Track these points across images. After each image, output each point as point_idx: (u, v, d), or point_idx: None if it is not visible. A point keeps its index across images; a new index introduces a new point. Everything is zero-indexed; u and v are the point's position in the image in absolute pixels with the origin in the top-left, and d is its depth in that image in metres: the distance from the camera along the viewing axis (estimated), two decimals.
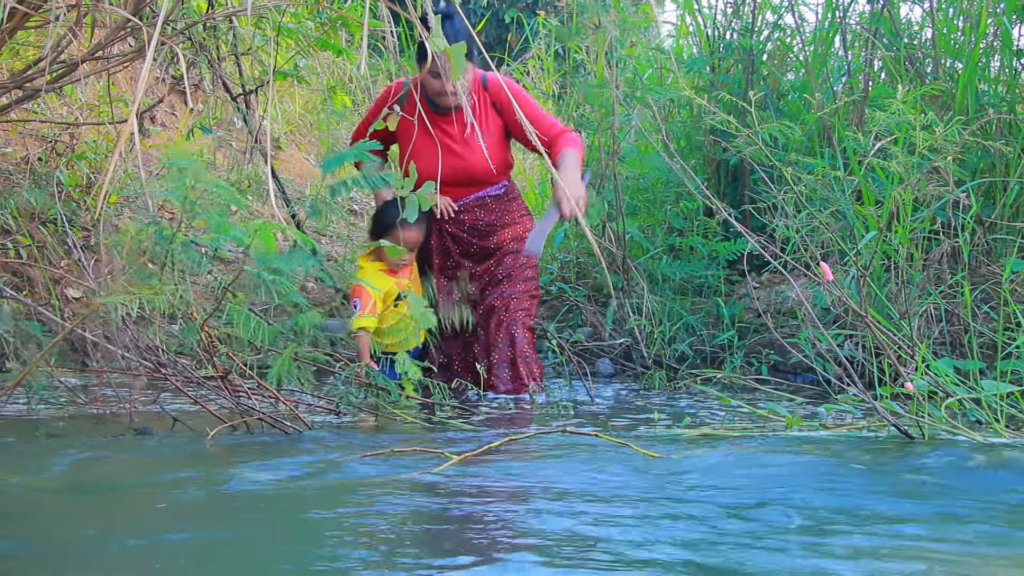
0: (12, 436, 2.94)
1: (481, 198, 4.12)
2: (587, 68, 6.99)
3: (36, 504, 2.16)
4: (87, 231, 4.69)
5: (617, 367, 4.78)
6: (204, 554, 1.78)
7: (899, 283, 3.86)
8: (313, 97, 8.17)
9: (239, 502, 2.16)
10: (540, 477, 2.45)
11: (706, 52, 5.34)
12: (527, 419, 3.58)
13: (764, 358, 4.45)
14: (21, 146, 4.83)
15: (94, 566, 1.71)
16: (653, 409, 3.70)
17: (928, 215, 3.89)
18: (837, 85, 5.13)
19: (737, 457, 2.60)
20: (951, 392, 3.10)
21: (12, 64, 4.88)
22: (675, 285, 4.88)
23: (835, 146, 4.42)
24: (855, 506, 2.14)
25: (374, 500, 2.17)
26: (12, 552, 1.78)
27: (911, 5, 5.04)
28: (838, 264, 4.07)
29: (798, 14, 5.05)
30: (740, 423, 3.27)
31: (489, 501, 2.17)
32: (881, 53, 4.76)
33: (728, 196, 5.13)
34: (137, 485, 2.35)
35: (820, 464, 2.56)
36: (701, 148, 5.21)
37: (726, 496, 2.22)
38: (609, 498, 2.19)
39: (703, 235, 4.89)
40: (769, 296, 4.75)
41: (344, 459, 2.58)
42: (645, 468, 2.50)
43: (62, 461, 2.56)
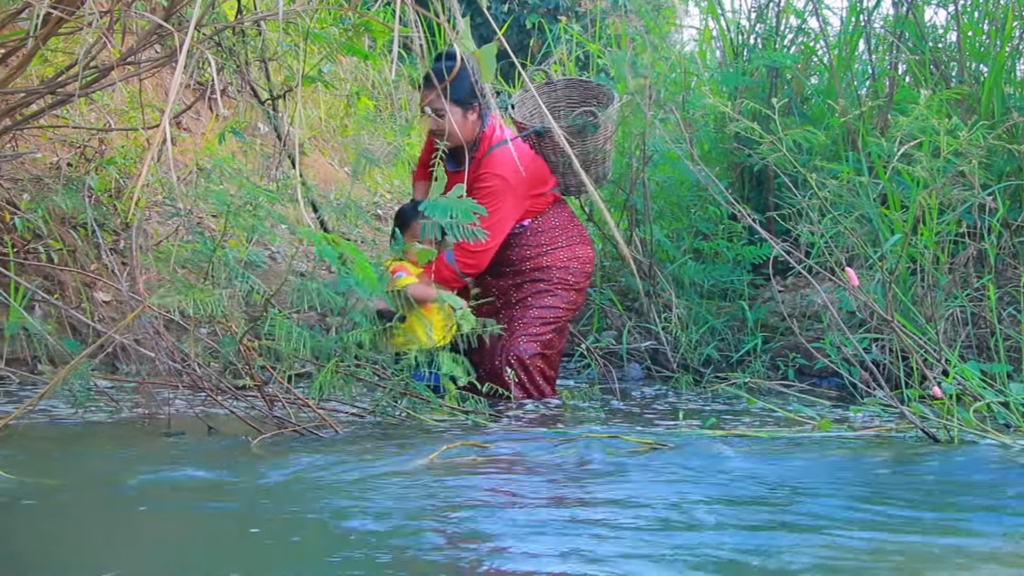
0: (49, 439, 2.98)
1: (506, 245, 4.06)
2: (609, 74, 7.00)
3: (74, 504, 2.19)
4: (117, 235, 4.73)
5: (645, 370, 4.79)
6: (246, 554, 1.81)
7: (925, 287, 3.86)
8: (336, 102, 8.21)
9: (276, 500, 2.19)
10: (567, 480, 2.47)
11: (730, 57, 5.35)
12: (556, 421, 3.59)
13: (790, 362, 4.46)
14: (51, 151, 4.88)
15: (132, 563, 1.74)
16: (679, 411, 3.71)
17: (954, 218, 3.88)
18: (861, 89, 5.13)
19: (765, 457, 2.62)
20: (978, 395, 3.10)
21: (41, 70, 4.93)
22: (701, 289, 4.89)
23: (860, 150, 4.42)
24: (881, 506, 2.15)
25: (410, 495, 2.19)
26: (49, 553, 1.81)
27: (936, 8, 5.00)
28: (863, 268, 4.07)
29: (822, 18, 5.06)
30: (768, 425, 3.27)
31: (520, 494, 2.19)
32: (906, 57, 4.76)
33: (752, 200, 5.14)
34: (176, 486, 2.38)
35: (849, 465, 2.58)
36: (727, 153, 5.21)
37: (753, 491, 2.24)
38: (632, 495, 2.21)
39: (728, 239, 4.89)
40: (794, 300, 4.76)
41: (379, 460, 2.61)
42: (670, 464, 2.51)
43: (99, 464, 2.59)
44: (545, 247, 4.13)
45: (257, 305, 3.00)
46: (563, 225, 4.19)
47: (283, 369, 3.11)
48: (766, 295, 4.90)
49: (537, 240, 4.12)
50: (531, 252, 4.11)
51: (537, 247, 4.12)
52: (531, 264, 4.11)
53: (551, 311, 4.09)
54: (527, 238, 4.11)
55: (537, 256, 4.11)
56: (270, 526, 2.00)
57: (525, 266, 4.11)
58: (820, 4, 5.05)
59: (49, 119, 4.68)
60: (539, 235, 4.13)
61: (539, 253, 4.12)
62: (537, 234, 4.13)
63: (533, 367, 4.01)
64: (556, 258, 4.11)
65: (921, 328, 3.66)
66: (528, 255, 4.11)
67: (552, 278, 4.08)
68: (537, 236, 4.12)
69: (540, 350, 4.04)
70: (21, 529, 1.99)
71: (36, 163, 4.77)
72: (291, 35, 4.72)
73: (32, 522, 2.04)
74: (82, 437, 3.02)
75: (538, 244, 4.12)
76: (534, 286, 4.10)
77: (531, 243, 4.11)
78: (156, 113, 5.30)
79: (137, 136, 5.08)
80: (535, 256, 4.11)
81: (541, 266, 4.10)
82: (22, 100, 3.74)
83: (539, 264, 4.11)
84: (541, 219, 4.14)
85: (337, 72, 7.68)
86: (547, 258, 4.11)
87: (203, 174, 5.26)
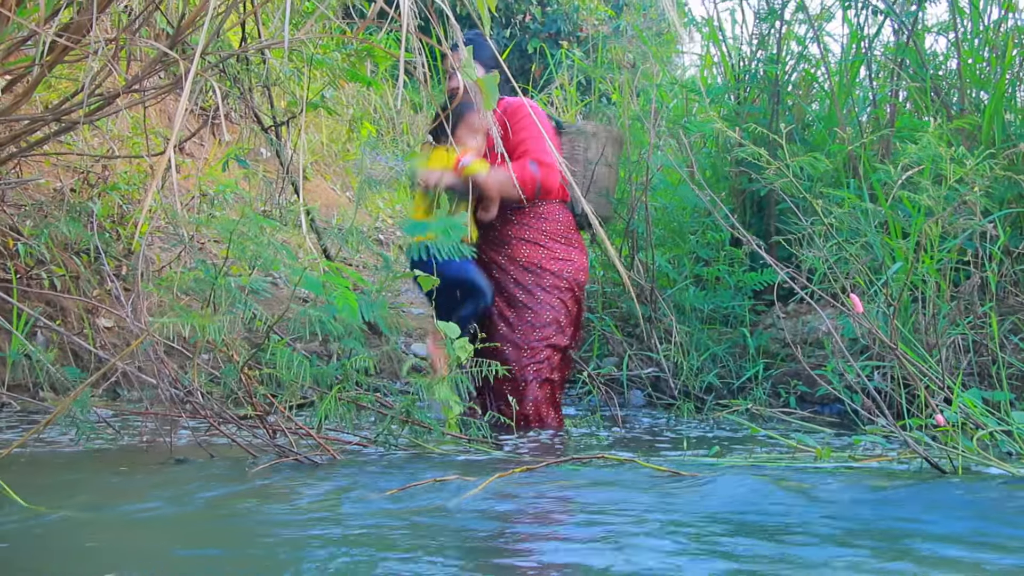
0: (50, 466, 2.97)
1: (504, 211, 4.09)
2: (611, 99, 7.03)
3: (79, 530, 2.18)
4: (120, 261, 4.74)
5: (646, 397, 4.79)
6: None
7: (927, 314, 3.86)
8: (338, 127, 8.25)
9: (279, 527, 2.18)
10: (573, 502, 2.46)
11: (731, 82, 5.38)
12: (560, 447, 3.58)
13: (791, 389, 4.45)
14: (55, 177, 4.90)
15: None
16: (682, 438, 3.71)
17: (957, 246, 3.89)
18: (862, 116, 5.15)
19: (767, 484, 2.61)
20: (981, 424, 3.09)
21: (46, 97, 4.95)
22: (702, 315, 4.90)
23: (861, 177, 4.43)
24: (884, 535, 2.14)
25: (409, 525, 2.18)
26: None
27: (936, 36, 5.03)
28: (866, 295, 4.08)
29: (823, 45, 5.08)
30: (770, 452, 3.27)
31: (524, 523, 2.18)
32: (906, 84, 4.78)
33: (754, 226, 5.15)
34: (180, 511, 2.38)
35: (850, 493, 2.56)
36: (727, 178, 5.23)
37: (754, 520, 2.23)
38: (639, 519, 2.20)
39: (729, 265, 4.90)
40: (796, 326, 4.75)
41: (380, 487, 2.60)
42: (669, 492, 2.50)
43: (102, 490, 2.59)
44: (544, 236, 4.13)
45: (259, 332, 3.00)
46: (565, 224, 4.19)
47: (285, 398, 3.11)
48: (767, 321, 4.90)
49: (534, 224, 4.12)
50: (529, 234, 4.11)
51: (532, 230, 4.12)
52: (526, 254, 4.09)
53: (549, 329, 4.04)
54: (528, 219, 4.12)
55: (534, 244, 4.11)
56: (267, 556, 2.00)
57: (521, 250, 4.10)
58: (821, 31, 5.07)
59: (53, 146, 4.70)
60: (541, 221, 4.13)
61: (536, 240, 4.11)
62: (540, 220, 4.13)
63: (535, 396, 4.01)
64: (551, 257, 4.11)
65: (923, 356, 3.66)
66: (525, 236, 4.11)
67: (545, 282, 4.08)
68: (538, 222, 4.12)
69: (545, 376, 4.03)
70: (25, 554, 1.98)
71: (40, 189, 4.78)
72: (294, 61, 4.74)
73: (34, 547, 2.03)
74: (83, 464, 3.01)
75: (539, 229, 4.12)
76: (537, 280, 4.07)
77: (530, 225, 4.11)
78: (160, 139, 5.32)
79: (141, 162, 5.10)
80: (531, 241, 4.11)
81: (535, 262, 4.08)
82: (27, 127, 3.75)
83: (533, 260, 4.09)
84: (547, 206, 4.15)
85: (339, 97, 7.71)
86: (542, 252, 4.10)
87: (206, 200, 5.28)
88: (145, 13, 3.60)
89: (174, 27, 3.55)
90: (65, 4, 3.20)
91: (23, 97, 3.63)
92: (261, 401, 3.03)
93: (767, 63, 5.14)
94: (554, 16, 11.00)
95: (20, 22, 3.13)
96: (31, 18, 3.30)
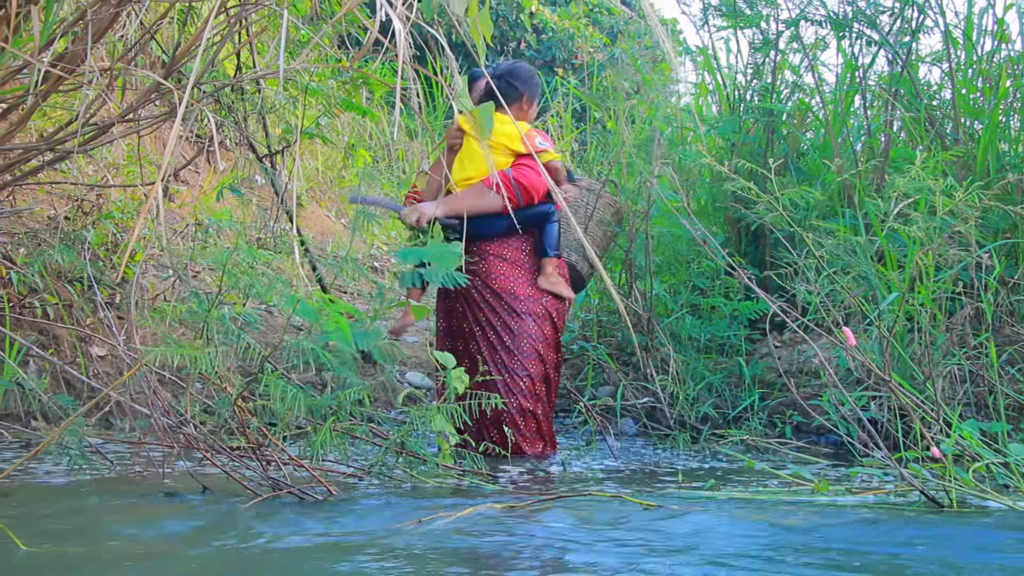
0: (40, 497, 2.95)
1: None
2: (606, 126, 7.05)
3: (74, 565, 2.16)
4: (113, 290, 4.72)
5: (639, 427, 4.77)
6: None
7: (923, 345, 3.85)
8: (333, 154, 8.26)
9: (274, 562, 2.16)
10: (564, 536, 2.44)
11: (726, 112, 5.39)
12: (553, 480, 3.56)
13: (787, 419, 4.44)
14: (48, 204, 4.89)
15: None
16: (677, 470, 3.69)
17: (952, 277, 3.89)
18: (857, 145, 5.16)
19: (762, 519, 2.59)
20: (977, 456, 3.09)
21: (40, 125, 4.95)
22: (698, 344, 4.89)
23: (856, 207, 4.44)
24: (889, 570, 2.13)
25: (408, 558, 2.16)
26: None
27: (930, 66, 5.05)
28: (860, 325, 4.07)
29: (818, 74, 5.10)
30: (768, 485, 3.25)
31: (518, 558, 2.17)
32: (900, 113, 4.80)
33: (749, 255, 5.15)
34: (174, 546, 2.36)
35: (848, 529, 2.55)
36: (723, 208, 5.23)
37: (753, 554, 2.21)
38: (632, 554, 2.19)
39: (724, 294, 4.90)
40: (791, 355, 4.75)
41: (378, 521, 2.58)
42: (661, 528, 2.49)
43: (95, 523, 2.57)
44: (518, 253, 4.11)
45: (253, 362, 2.99)
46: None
47: (279, 430, 3.09)
48: (763, 350, 4.89)
49: (513, 242, 4.10)
50: (507, 252, 4.08)
51: (511, 248, 4.10)
52: (501, 275, 4.07)
53: (530, 359, 4.00)
54: (508, 237, 4.08)
55: (506, 258, 4.08)
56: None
57: (498, 266, 4.07)
58: (816, 60, 5.09)
59: (48, 174, 4.69)
60: (521, 240, 4.11)
61: (512, 257, 4.09)
62: (520, 239, 4.11)
63: (526, 427, 3.99)
64: (527, 282, 4.08)
65: (919, 386, 3.65)
66: (502, 254, 4.08)
67: (520, 308, 4.06)
68: (518, 240, 4.10)
69: (527, 407, 4.00)
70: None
71: (33, 216, 4.77)
72: (289, 90, 4.75)
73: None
74: (74, 495, 2.98)
75: (512, 246, 4.10)
76: (519, 306, 4.03)
77: (510, 243, 4.09)
78: (154, 168, 5.32)
79: (136, 190, 5.09)
80: (506, 258, 4.08)
81: (508, 288, 4.05)
82: (21, 156, 3.75)
83: (506, 287, 4.05)
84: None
85: (335, 125, 7.73)
86: (521, 282, 4.07)
87: (201, 228, 5.27)
88: (141, 43, 3.60)
89: (169, 56, 3.56)
90: (60, 34, 3.20)
91: (18, 126, 3.63)
92: (254, 432, 3.01)
93: (762, 92, 5.16)
94: (549, 43, 11.05)
95: (14, 52, 3.13)
96: (25, 48, 3.30)
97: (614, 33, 11.66)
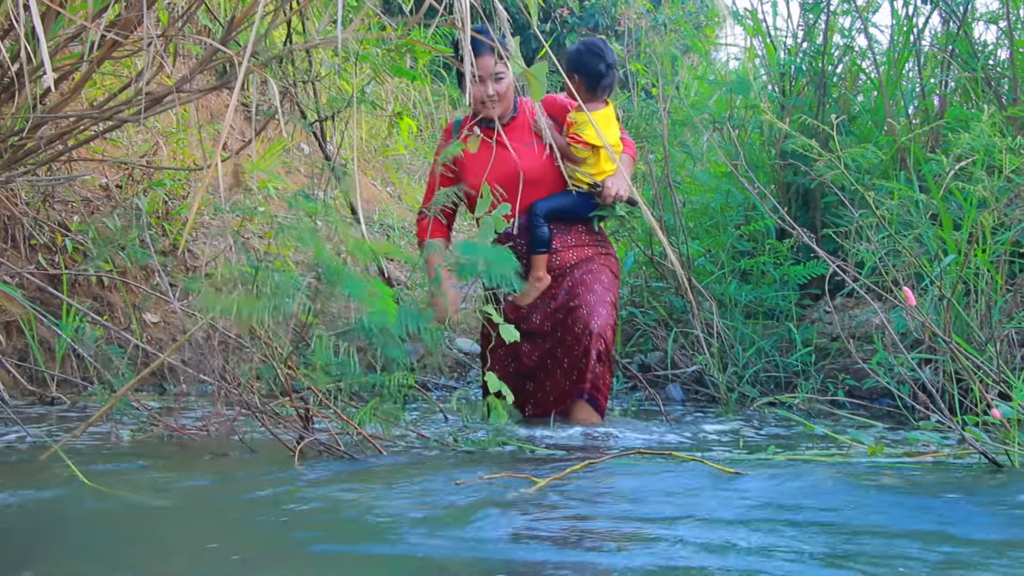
0: (98, 458, 2.99)
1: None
2: (651, 93, 6.98)
3: (131, 515, 2.19)
4: (165, 256, 4.76)
5: (688, 392, 4.75)
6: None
7: (981, 307, 3.80)
8: (377, 123, 8.26)
9: (322, 522, 2.18)
10: (624, 497, 2.44)
11: (776, 76, 5.33)
12: (603, 441, 3.56)
13: (840, 383, 4.40)
14: (100, 172, 4.93)
15: None
16: (727, 434, 3.67)
17: (1012, 238, 3.82)
18: (909, 107, 5.08)
19: (823, 481, 2.57)
20: None
21: (91, 94, 4.98)
22: (744, 309, 4.85)
23: (910, 169, 4.37)
24: (946, 533, 2.10)
25: (460, 524, 2.17)
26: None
27: (986, 25, 4.95)
28: (917, 288, 4.02)
29: (870, 36, 5.02)
30: (822, 448, 3.23)
31: (578, 519, 2.16)
32: (956, 73, 4.71)
33: (799, 220, 5.09)
34: (224, 506, 2.38)
35: (908, 491, 2.53)
36: (770, 171, 5.17)
37: (814, 519, 2.19)
38: (693, 518, 2.17)
39: (774, 258, 4.85)
40: (843, 320, 4.70)
41: (431, 485, 2.59)
42: (727, 489, 2.47)
43: (150, 482, 2.60)
44: (585, 237, 4.08)
45: (301, 325, 2.99)
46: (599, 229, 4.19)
47: (328, 394, 3.09)
48: (813, 316, 4.84)
49: (576, 227, 4.07)
50: (574, 239, 4.06)
51: (575, 234, 4.06)
52: (575, 255, 4.04)
53: (610, 293, 4.00)
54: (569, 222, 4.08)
55: (580, 245, 4.06)
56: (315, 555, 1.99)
57: (570, 256, 4.03)
58: (868, 21, 5.01)
59: (98, 142, 4.73)
60: (583, 222, 4.10)
61: (581, 242, 4.07)
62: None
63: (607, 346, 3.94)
64: (596, 255, 4.08)
65: (977, 349, 3.60)
66: (571, 243, 4.05)
67: (610, 264, 4.08)
68: (579, 223, 4.09)
69: (612, 333, 3.97)
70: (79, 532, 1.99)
71: (85, 184, 4.82)
72: (338, 57, 4.74)
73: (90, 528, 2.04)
74: (133, 455, 3.02)
75: (575, 232, 4.07)
76: (587, 270, 4.02)
77: (573, 228, 4.07)
78: (202, 135, 5.34)
79: (186, 156, 5.12)
80: (577, 245, 4.06)
81: (587, 257, 4.05)
82: (74, 124, 3.77)
83: (584, 255, 4.04)
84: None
85: (379, 93, 7.72)
86: (591, 249, 4.07)
87: (249, 195, 5.29)
88: (187, 11, 3.60)
89: (223, 26, 3.56)
90: (114, 1, 3.20)
91: (72, 94, 3.65)
92: (306, 394, 3.02)
93: (813, 55, 5.08)
94: (592, 10, 10.96)
95: (69, 16, 3.14)
96: (79, 14, 3.31)
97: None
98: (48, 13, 3.16)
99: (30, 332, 4.11)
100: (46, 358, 4.16)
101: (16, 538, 2.03)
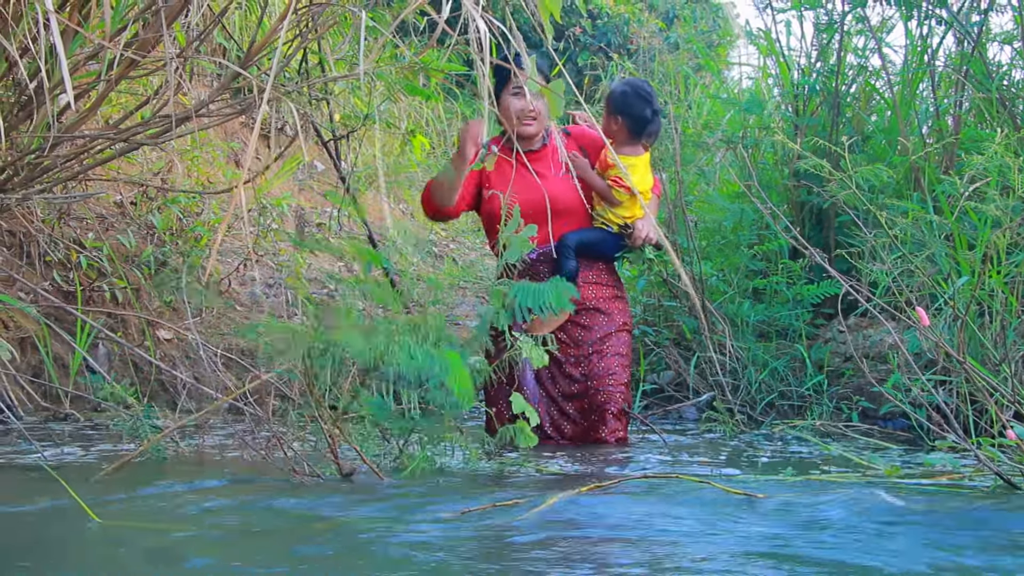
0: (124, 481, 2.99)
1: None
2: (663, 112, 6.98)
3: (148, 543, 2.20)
4: (179, 273, 4.78)
5: (701, 412, 4.73)
6: None
7: (995, 328, 3.78)
8: (390, 140, 8.29)
9: (334, 540, 2.18)
10: (633, 519, 2.43)
11: (788, 95, 5.33)
12: (614, 464, 3.55)
13: (854, 404, 4.37)
14: (115, 190, 4.95)
15: None
16: (740, 453, 3.66)
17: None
18: (923, 127, 5.07)
19: (839, 502, 2.56)
20: None
21: (106, 112, 5.01)
22: (756, 329, 4.84)
23: (924, 189, 4.36)
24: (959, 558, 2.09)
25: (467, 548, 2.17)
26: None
27: (1000, 45, 4.95)
28: (930, 310, 4.00)
29: (883, 56, 5.02)
30: (838, 470, 3.21)
31: (585, 542, 2.16)
32: (970, 94, 4.70)
33: (812, 239, 5.08)
34: (239, 525, 2.38)
35: (923, 514, 2.52)
36: (784, 191, 5.17)
37: (827, 540, 2.19)
38: (703, 538, 2.17)
39: (787, 278, 4.84)
40: (856, 340, 4.68)
41: (440, 512, 2.59)
42: (743, 511, 2.47)
43: (166, 504, 2.60)
44: (606, 275, 4.09)
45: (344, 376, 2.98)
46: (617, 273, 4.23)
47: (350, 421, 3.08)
48: (826, 336, 4.83)
49: (599, 266, 4.07)
50: (594, 276, 4.05)
51: (596, 271, 4.06)
52: (595, 292, 4.03)
53: (626, 358, 4.03)
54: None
55: (600, 283, 4.06)
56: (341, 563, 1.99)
57: (589, 294, 4.01)
58: (882, 42, 5.01)
59: (114, 161, 4.75)
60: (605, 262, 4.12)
61: (601, 279, 4.06)
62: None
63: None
64: (614, 298, 4.07)
65: (991, 370, 3.58)
66: (592, 279, 4.04)
67: (622, 322, 4.06)
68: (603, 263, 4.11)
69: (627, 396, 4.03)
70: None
71: (99, 201, 4.84)
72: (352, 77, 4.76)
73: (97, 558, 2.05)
74: (154, 475, 3.02)
75: (597, 269, 4.06)
76: (608, 324, 4.02)
77: (595, 266, 4.06)
78: (217, 153, 5.36)
79: (200, 174, 5.15)
80: (598, 283, 4.05)
81: (605, 295, 4.05)
82: (90, 143, 3.79)
83: (604, 294, 4.05)
84: None
85: (392, 111, 7.75)
86: (610, 290, 4.07)
87: (264, 213, 5.32)
88: (204, 32, 3.63)
89: (239, 45, 3.58)
90: (132, 20, 3.23)
91: (89, 112, 3.67)
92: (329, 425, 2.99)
93: (827, 75, 5.08)
94: (604, 29, 11.00)
95: (87, 36, 3.17)
96: (97, 33, 3.33)
97: (670, 17, 11.58)
98: (66, 32, 3.18)
99: (44, 348, 4.13)
100: (60, 374, 4.18)
101: (21, 554, 2.04)
